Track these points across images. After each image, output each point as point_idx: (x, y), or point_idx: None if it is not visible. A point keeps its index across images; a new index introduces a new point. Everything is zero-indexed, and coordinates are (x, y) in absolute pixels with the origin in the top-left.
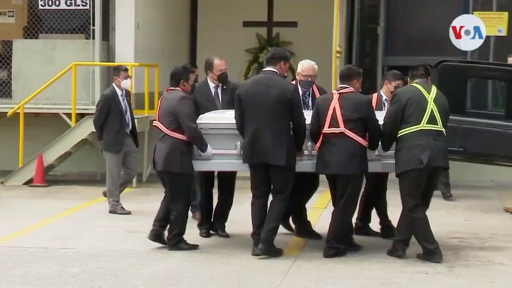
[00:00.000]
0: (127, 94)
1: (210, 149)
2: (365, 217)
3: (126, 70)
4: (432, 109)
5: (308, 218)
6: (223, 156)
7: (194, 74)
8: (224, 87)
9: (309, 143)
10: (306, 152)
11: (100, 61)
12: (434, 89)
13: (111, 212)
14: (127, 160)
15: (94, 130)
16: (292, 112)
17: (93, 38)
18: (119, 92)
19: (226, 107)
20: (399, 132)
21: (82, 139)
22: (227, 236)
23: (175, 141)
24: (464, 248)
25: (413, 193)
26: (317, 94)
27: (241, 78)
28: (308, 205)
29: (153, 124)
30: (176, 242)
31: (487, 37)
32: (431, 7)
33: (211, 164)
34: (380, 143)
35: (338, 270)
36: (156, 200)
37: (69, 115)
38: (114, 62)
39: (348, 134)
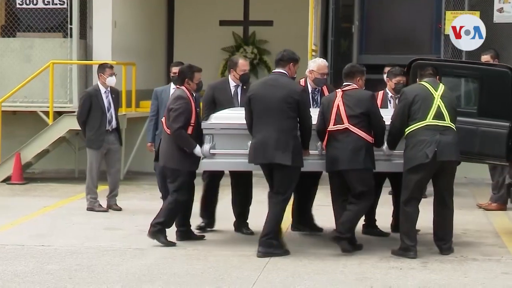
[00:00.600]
0: (113, 92)
1: (198, 149)
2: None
3: (111, 67)
4: (438, 105)
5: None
6: (233, 156)
7: (199, 72)
8: (244, 87)
9: (318, 143)
10: (316, 152)
11: (78, 60)
12: (442, 87)
13: (88, 209)
14: (109, 159)
15: (72, 128)
16: (300, 113)
17: (71, 36)
18: (102, 90)
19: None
20: (407, 129)
21: (60, 137)
22: (252, 233)
23: (171, 137)
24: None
25: (414, 187)
26: (326, 91)
27: (218, 76)
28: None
29: (161, 120)
30: (157, 231)
31: None
32: (405, 6)
33: (222, 164)
34: (386, 141)
35: (313, 265)
36: (133, 197)
37: (46, 113)
38: (92, 60)
39: (352, 130)
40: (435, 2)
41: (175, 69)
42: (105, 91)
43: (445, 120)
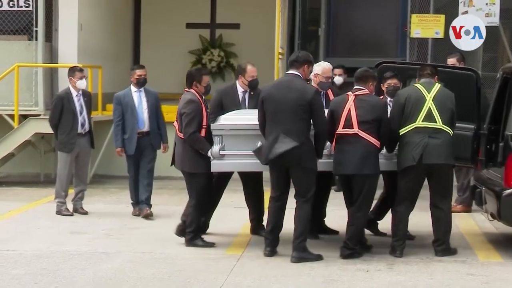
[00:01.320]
0: (86, 94)
1: (215, 150)
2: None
3: (81, 70)
4: (429, 107)
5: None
6: (243, 156)
7: (208, 76)
8: (252, 93)
9: (327, 142)
10: (325, 152)
11: (43, 63)
12: (436, 88)
13: (57, 213)
14: (78, 162)
15: (38, 131)
16: (313, 116)
17: (36, 39)
18: (74, 93)
19: None
20: (400, 131)
21: (25, 141)
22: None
23: (185, 141)
24: (408, 245)
25: (404, 189)
26: (331, 95)
27: (183, 80)
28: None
29: (173, 124)
30: (191, 238)
31: (425, 39)
32: (371, 9)
33: (232, 165)
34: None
35: (280, 268)
36: (99, 201)
37: (12, 116)
38: (57, 63)
39: (362, 135)
40: (400, 5)
41: (140, 72)
42: (76, 94)
43: (435, 122)
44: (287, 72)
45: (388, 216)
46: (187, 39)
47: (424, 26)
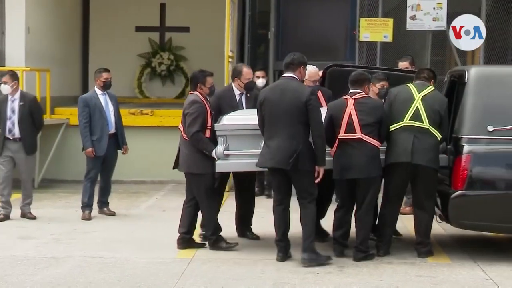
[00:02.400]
0: (24, 99)
1: (219, 150)
2: None
3: (2, 75)
4: (417, 106)
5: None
6: (247, 156)
7: (211, 77)
8: (248, 94)
9: None
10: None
11: None
12: (428, 90)
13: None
14: (18, 168)
15: None
16: (309, 116)
17: None
18: (9, 97)
19: None
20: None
21: None
22: (257, 238)
23: (191, 143)
24: (352, 249)
25: (389, 187)
26: (321, 97)
27: (134, 83)
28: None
29: (178, 127)
30: (214, 242)
31: (374, 43)
32: (320, 13)
33: (236, 165)
34: None
35: (231, 271)
36: (48, 205)
37: None
38: (4, 66)
39: (365, 139)
40: (349, 9)
41: (106, 75)
42: (11, 98)
43: (422, 122)
44: (282, 75)
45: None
46: (137, 42)
47: (373, 30)
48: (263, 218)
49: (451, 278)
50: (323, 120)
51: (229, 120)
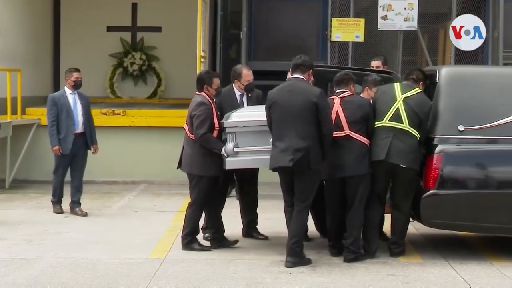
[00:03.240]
0: None
1: (229, 147)
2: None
3: None
4: (398, 107)
5: (174, 222)
6: (257, 152)
7: (218, 78)
8: (249, 95)
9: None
10: (262, 148)
11: None
12: (412, 92)
13: None
14: None
15: None
16: (319, 117)
17: None
18: None
19: None
20: None
21: None
22: (266, 238)
23: (195, 143)
24: (326, 248)
25: (373, 188)
26: None
27: (106, 83)
28: (174, 208)
29: (183, 127)
30: (188, 242)
31: (346, 43)
32: (292, 13)
33: (246, 162)
34: None
35: (204, 272)
36: (19, 206)
37: None
38: None
39: (353, 137)
40: (321, 9)
41: (76, 75)
42: None
43: (402, 123)
44: (290, 77)
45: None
46: (108, 42)
47: (345, 30)
48: (236, 218)
49: (423, 277)
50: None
51: (239, 116)
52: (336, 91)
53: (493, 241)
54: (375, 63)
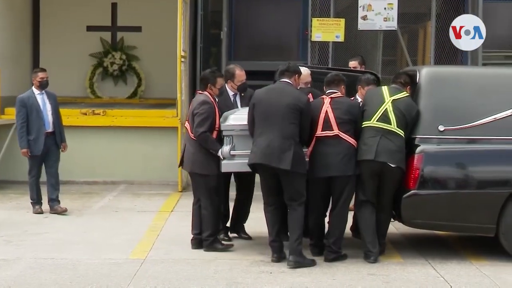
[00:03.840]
0: None
1: (226, 150)
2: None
3: None
4: (386, 109)
5: (155, 222)
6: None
7: (222, 78)
8: (243, 94)
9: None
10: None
11: None
12: (400, 95)
13: None
14: None
15: None
16: (301, 123)
17: None
18: None
19: None
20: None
21: None
22: (249, 238)
23: (197, 142)
24: (306, 247)
25: (359, 187)
26: (311, 97)
27: (86, 83)
28: (155, 209)
29: (185, 125)
30: (211, 243)
31: (326, 43)
32: (272, 13)
33: (242, 165)
34: None
35: (184, 272)
36: None
37: None
38: None
39: (342, 137)
40: (301, 9)
41: (42, 74)
42: None
43: (390, 124)
44: (279, 80)
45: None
46: (88, 42)
47: (325, 30)
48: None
49: (403, 276)
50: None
51: (236, 119)
52: (327, 91)
53: (473, 240)
54: (352, 63)
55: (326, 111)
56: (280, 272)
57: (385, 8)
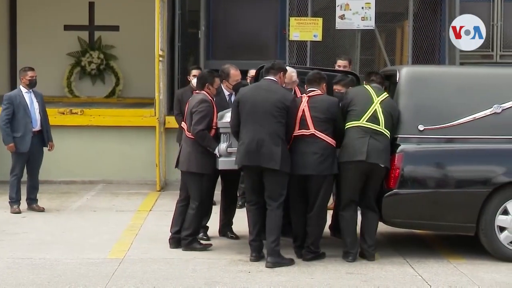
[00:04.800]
0: None
1: (222, 148)
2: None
3: None
4: (376, 109)
5: (133, 221)
6: None
7: (218, 78)
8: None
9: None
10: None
11: None
12: (384, 95)
13: None
14: None
15: None
16: (288, 120)
17: None
18: None
19: None
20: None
21: None
22: (237, 238)
23: (194, 142)
24: (285, 247)
25: (345, 187)
26: (298, 93)
27: (64, 82)
28: (133, 208)
29: (181, 125)
30: (189, 242)
31: (304, 42)
32: (250, 12)
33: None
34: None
35: (163, 271)
36: None
37: None
38: None
39: (318, 136)
40: (279, 8)
41: (31, 73)
42: None
43: (378, 125)
44: (264, 77)
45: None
46: (66, 41)
47: (303, 29)
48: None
49: (381, 275)
50: None
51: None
52: (307, 90)
53: (450, 239)
54: (342, 63)
55: (303, 110)
56: (259, 271)
57: (362, 8)
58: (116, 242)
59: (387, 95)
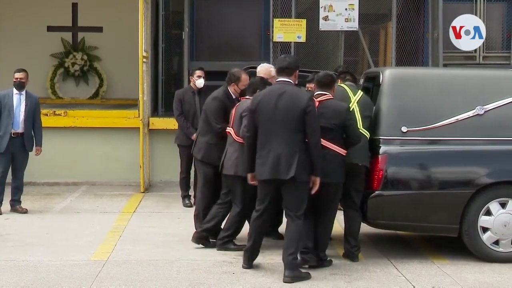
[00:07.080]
0: None
1: None
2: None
3: None
4: (353, 109)
5: (117, 223)
6: None
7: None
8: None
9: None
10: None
11: None
12: (360, 94)
13: None
14: None
15: None
16: (306, 125)
17: None
18: None
19: None
20: None
21: None
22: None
23: (242, 145)
24: (269, 247)
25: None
26: None
27: (47, 84)
28: (117, 209)
29: (227, 131)
30: (225, 242)
31: (288, 43)
32: (234, 14)
33: None
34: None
35: (147, 273)
36: None
37: None
38: None
39: (325, 145)
40: (263, 9)
41: (17, 75)
42: None
43: (357, 125)
44: (277, 80)
45: None
46: (49, 42)
47: (286, 30)
48: (179, 218)
49: (365, 276)
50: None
51: None
52: (316, 93)
53: (434, 240)
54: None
55: None
56: (243, 273)
57: (346, 9)
58: (100, 243)
59: (362, 93)
